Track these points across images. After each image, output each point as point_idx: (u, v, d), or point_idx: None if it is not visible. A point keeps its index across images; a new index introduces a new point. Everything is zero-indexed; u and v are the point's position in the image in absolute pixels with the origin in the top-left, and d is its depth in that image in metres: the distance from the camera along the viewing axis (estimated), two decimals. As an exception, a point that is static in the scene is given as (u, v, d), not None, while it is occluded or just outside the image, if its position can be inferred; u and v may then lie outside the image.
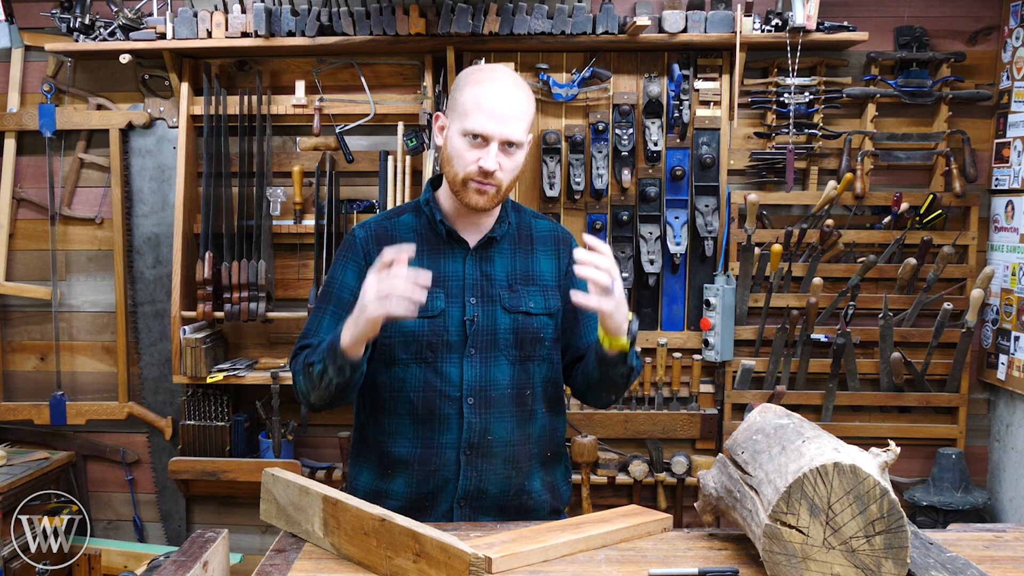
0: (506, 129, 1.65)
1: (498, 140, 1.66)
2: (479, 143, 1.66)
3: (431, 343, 1.73)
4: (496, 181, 1.68)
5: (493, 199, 1.70)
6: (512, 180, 1.72)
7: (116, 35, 3.05)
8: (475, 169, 1.66)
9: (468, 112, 1.66)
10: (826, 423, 3.14)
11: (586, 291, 1.82)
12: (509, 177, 1.70)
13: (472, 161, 1.66)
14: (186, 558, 1.45)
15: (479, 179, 1.67)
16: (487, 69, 1.75)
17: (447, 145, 1.72)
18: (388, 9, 2.95)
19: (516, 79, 1.73)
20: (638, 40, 2.98)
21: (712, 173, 3.12)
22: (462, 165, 1.68)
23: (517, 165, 1.71)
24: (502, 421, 1.75)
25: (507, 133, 1.66)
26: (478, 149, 1.66)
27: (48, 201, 3.28)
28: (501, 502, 1.78)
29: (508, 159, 1.68)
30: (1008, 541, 1.60)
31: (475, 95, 1.67)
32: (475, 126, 1.65)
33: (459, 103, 1.70)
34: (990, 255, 3.18)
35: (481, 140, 1.66)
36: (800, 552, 1.30)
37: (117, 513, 3.42)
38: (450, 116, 1.73)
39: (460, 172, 1.68)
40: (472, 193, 1.69)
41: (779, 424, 1.53)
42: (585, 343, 1.84)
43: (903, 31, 3.11)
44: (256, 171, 3.17)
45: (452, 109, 1.72)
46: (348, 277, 1.78)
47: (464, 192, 1.69)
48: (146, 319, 3.31)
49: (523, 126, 1.68)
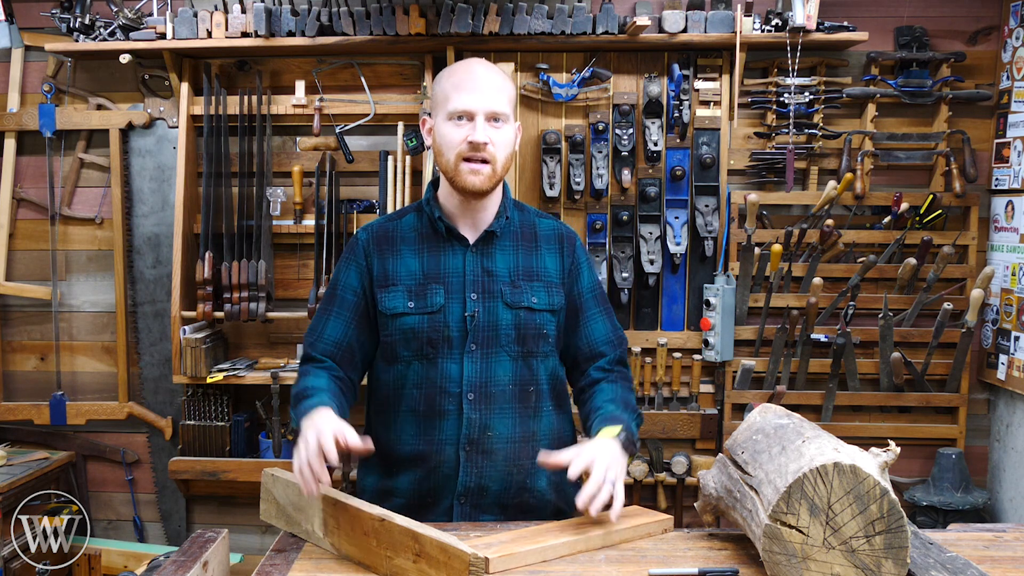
0: (488, 101, 1.68)
1: (482, 113, 1.68)
2: (465, 122, 1.68)
3: (431, 339, 1.74)
4: (488, 155, 1.69)
5: (489, 179, 1.70)
6: (506, 159, 1.73)
7: (116, 35, 3.05)
8: (465, 146, 1.68)
9: (448, 96, 1.70)
10: (826, 423, 3.14)
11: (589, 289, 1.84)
12: (502, 153, 1.71)
13: (461, 139, 1.68)
14: (186, 558, 1.45)
15: (471, 155, 1.68)
16: (460, 62, 1.80)
17: (436, 138, 1.74)
18: (388, 9, 2.95)
19: (490, 64, 1.78)
20: (638, 40, 2.98)
21: (712, 173, 3.12)
22: (452, 147, 1.69)
23: (507, 140, 1.72)
24: (503, 418, 1.75)
25: (489, 105, 1.68)
26: (465, 127, 1.69)
27: (48, 201, 3.28)
28: (502, 500, 1.78)
29: (497, 132, 1.69)
30: (1008, 541, 1.60)
31: (452, 81, 1.72)
32: (458, 105, 1.68)
33: (438, 95, 1.74)
34: (990, 255, 3.18)
35: (466, 118, 1.68)
36: (800, 552, 1.30)
37: (117, 513, 3.42)
38: (433, 112, 1.76)
39: (451, 155, 1.70)
40: (467, 174, 1.69)
41: (779, 424, 1.53)
42: (586, 344, 1.84)
43: (903, 31, 3.11)
44: (256, 171, 3.17)
45: (434, 105, 1.76)
46: (350, 279, 1.79)
47: (459, 176, 1.70)
48: (146, 319, 3.31)
49: (504, 98, 1.71)
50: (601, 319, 1.86)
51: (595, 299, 1.86)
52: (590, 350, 1.85)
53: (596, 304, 1.86)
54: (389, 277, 1.77)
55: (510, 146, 1.74)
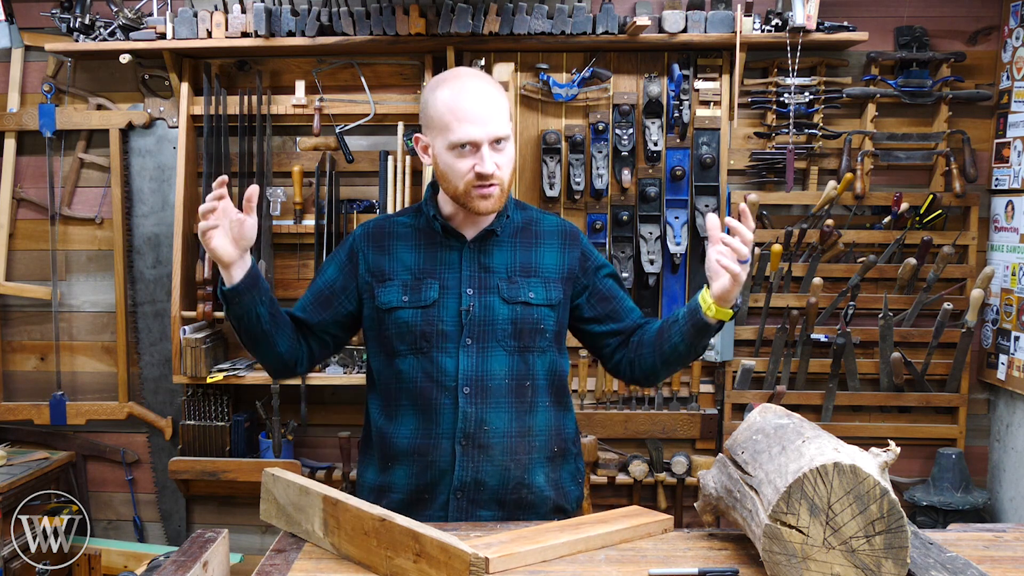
0: (491, 128, 1.66)
1: (487, 142, 1.66)
2: (469, 151, 1.66)
3: (425, 333, 1.74)
4: (497, 180, 1.69)
5: (500, 199, 1.71)
6: (511, 174, 1.73)
7: (116, 35, 3.05)
8: (472, 176, 1.67)
9: (448, 125, 1.66)
10: (826, 423, 3.14)
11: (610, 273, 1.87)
12: (507, 173, 1.71)
13: (468, 170, 1.67)
14: (186, 558, 1.45)
15: (479, 184, 1.67)
16: (449, 76, 1.74)
17: (437, 163, 1.72)
18: (388, 9, 2.95)
19: (479, 74, 1.75)
20: (638, 40, 2.98)
21: (712, 173, 3.12)
22: (459, 177, 1.68)
23: (510, 158, 1.72)
24: (499, 412, 1.75)
25: (493, 131, 1.66)
26: (470, 157, 1.67)
27: (48, 201, 3.28)
28: (499, 495, 1.78)
29: (501, 155, 1.69)
30: (1008, 541, 1.60)
31: (448, 105, 1.66)
32: (461, 136, 1.65)
33: (435, 119, 1.69)
34: (990, 255, 3.18)
35: (471, 147, 1.66)
36: (800, 552, 1.30)
37: (117, 513, 3.43)
38: (429, 134, 1.72)
39: (459, 184, 1.69)
40: (477, 200, 1.69)
41: (779, 424, 1.53)
42: (629, 321, 1.86)
43: (903, 31, 3.11)
44: (256, 171, 3.17)
45: (429, 127, 1.72)
46: (330, 270, 1.84)
47: (470, 201, 1.70)
48: (146, 319, 3.31)
49: (504, 117, 1.69)
50: (628, 298, 1.91)
51: (617, 282, 1.90)
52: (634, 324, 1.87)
53: (620, 286, 1.90)
54: (385, 272, 1.78)
55: (513, 160, 1.74)
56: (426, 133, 1.74)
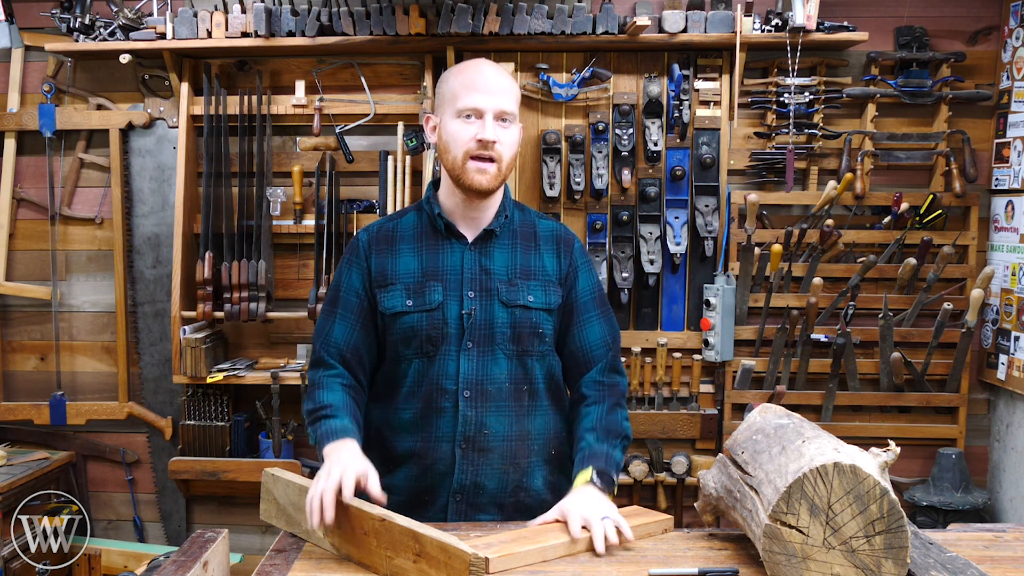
0: (498, 101, 1.70)
1: (492, 112, 1.69)
2: (473, 120, 1.70)
3: (430, 336, 1.74)
4: (496, 154, 1.70)
5: (495, 177, 1.72)
6: (511, 159, 1.74)
7: (116, 35, 3.05)
8: (474, 144, 1.69)
9: (458, 95, 1.71)
10: (826, 423, 3.14)
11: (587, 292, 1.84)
12: (507, 152, 1.73)
13: (470, 137, 1.69)
14: (186, 558, 1.45)
15: (479, 152, 1.69)
16: (467, 62, 1.80)
17: (441, 135, 1.75)
18: (388, 9, 2.95)
19: (497, 65, 1.79)
20: (638, 40, 2.98)
21: (712, 173, 3.12)
22: (459, 144, 1.70)
23: (513, 141, 1.74)
24: (499, 416, 1.75)
25: (499, 104, 1.70)
26: (474, 124, 1.70)
27: (48, 201, 3.28)
28: (499, 499, 1.78)
29: (504, 132, 1.71)
30: (1008, 541, 1.60)
31: (461, 80, 1.73)
32: (468, 103, 1.69)
33: (447, 93, 1.74)
34: (990, 255, 3.18)
35: (475, 116, 1.70)
36: (800, 552, 1.30)
37: (117, 513, 3.42)
38: (439, 110, 1.77)
39: (459, 152, 1.71)
40: (474, 173, 1.70)
41: (779, 424, 1.53)
42: (580, 347, 1.84)
43: (903, 31, 3.11)
44: (256, 171, 3.17)
45: (440, 103, 1.77)
46: (353, 280, 1.81)
47: (465, 174, 1.71)
48: (146, 319, 3.31)
49: (512, 99, 1.73)
50: (597, 322, 1.84)
51: (592, 302, 1.85)
52: (583, 354, 1.84)
53: (593, 307, 1.85)
54: (388, 276, 1.78)
55: (515, 146, 1.76)
56: (436, 113, 1.78)
